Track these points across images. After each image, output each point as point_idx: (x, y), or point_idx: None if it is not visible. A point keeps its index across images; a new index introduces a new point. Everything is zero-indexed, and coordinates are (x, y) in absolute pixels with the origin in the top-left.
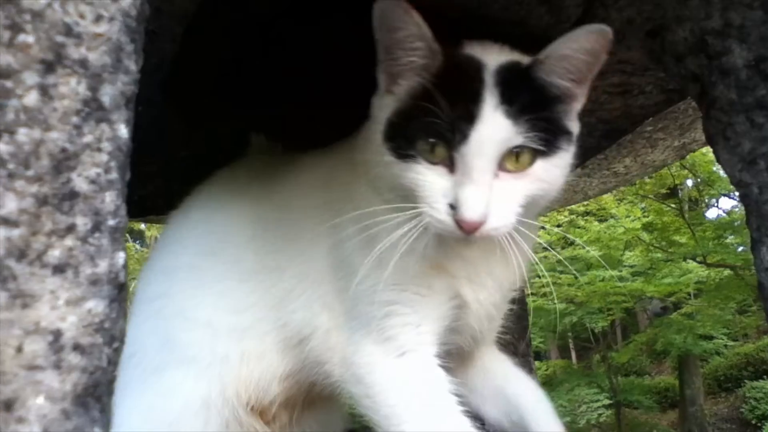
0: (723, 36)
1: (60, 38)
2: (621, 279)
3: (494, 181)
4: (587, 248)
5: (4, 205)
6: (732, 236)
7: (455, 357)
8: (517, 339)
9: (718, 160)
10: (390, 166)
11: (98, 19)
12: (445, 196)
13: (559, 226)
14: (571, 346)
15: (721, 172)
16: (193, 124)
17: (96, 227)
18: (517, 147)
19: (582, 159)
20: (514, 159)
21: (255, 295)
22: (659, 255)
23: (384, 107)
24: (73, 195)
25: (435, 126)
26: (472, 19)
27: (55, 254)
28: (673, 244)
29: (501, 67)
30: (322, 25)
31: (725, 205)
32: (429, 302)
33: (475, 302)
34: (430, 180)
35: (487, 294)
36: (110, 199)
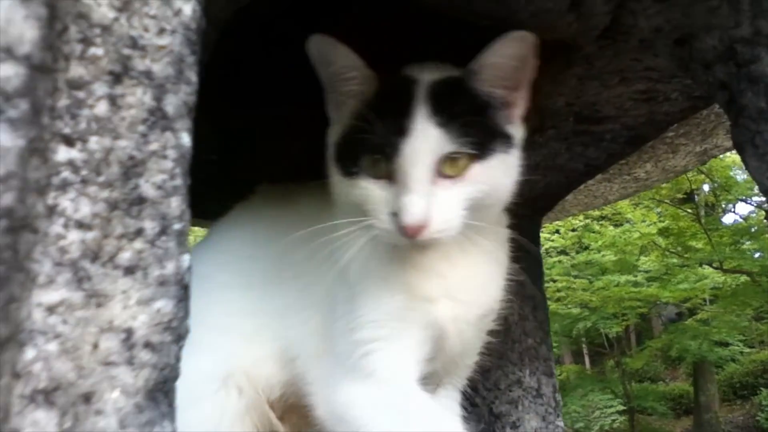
0: (752, 44)
1: (126, 51)
2: (636, 284)
3: (434, 188)
4: (602, 252)
5: (79, 209)
6: (749, 242)
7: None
8: (539, 343)
9: (747, 168)
10: (341, 185)
11: (161, 32)
12: (387, 206)
13: (574, 230)
14: (585, 351)
15: (739, 177)
16: (215, 127)
17: (163, 231)
18: (451, 153)
19: (605, 165)
20: (451, 165)
21: (261, 302)
22: (675, 260)
23: (333, 134)
24: (141, 200)
25: (373, 143)
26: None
27: (125, 256)
28: (689, 249)
29: (434, 81)
30: (322, 25)
31: (742, 211)
32: (405, 329)
33: (450, 321)
34: (374, 194)
35: (463, 310)
36: (176, 204)
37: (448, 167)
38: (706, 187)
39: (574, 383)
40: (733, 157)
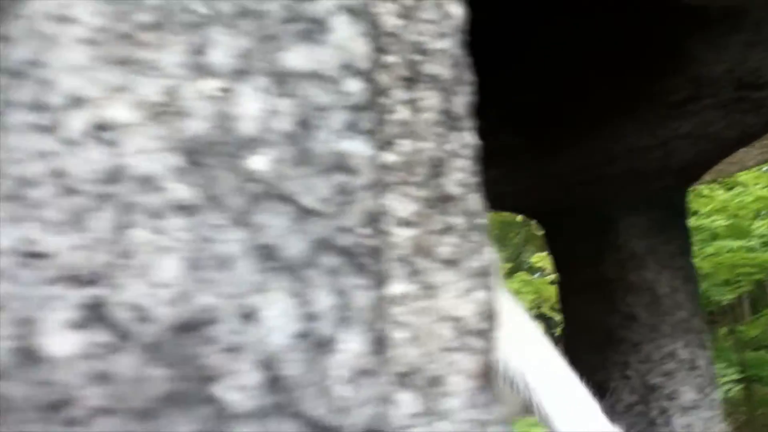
0: None
1: (414, 56)
2: (750, 249)
3: None
4: (712, 218)
5: (403, 208)
6: None
7: None
8: (691, 315)
9: None
10: None
11: (440, 36)
12: None
13: None
14: None
15: None
16: None
17: (469, 226)
18: None
19: (761, 132)
20: None
21: None
22: None
23: None
24: (448, 198)
25: None
26: None
27: (444, 250)
28: None
29: None
30: None
31: None
32: None
33: None
34: None
35: None
36: (475, 200)
37: None
38: None
39: None
40: None
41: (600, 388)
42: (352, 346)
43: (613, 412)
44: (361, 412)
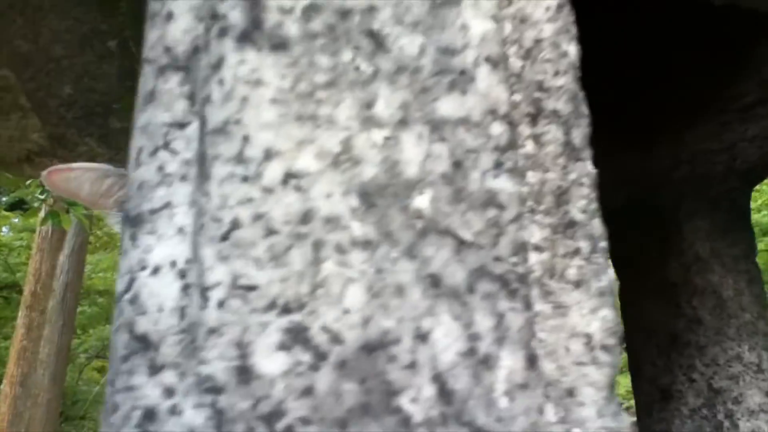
0: None
1: (537, 94)
2: None
3: None
4: (762, 212)
5: (533, 235)
6: None
7: None
8: (757, 317)
9: None
10: None
11: (557, 73)
12: None
13: None
14: None
15: None
16: None
17: (593, 249)
18: None
19: None
20: None
21: None
22: None
23: None
24: (573, 224)
25: None
26: None
27: (572, 272)
28: None
29: None
30: None
31: None
32: None
33: None
34: None
35: None
36: (597, 225)
37: None
38: None
39: None
40: None
41: (665, 392)
42: (509, 362)
43: (679, 416)
44: (520, 421)
